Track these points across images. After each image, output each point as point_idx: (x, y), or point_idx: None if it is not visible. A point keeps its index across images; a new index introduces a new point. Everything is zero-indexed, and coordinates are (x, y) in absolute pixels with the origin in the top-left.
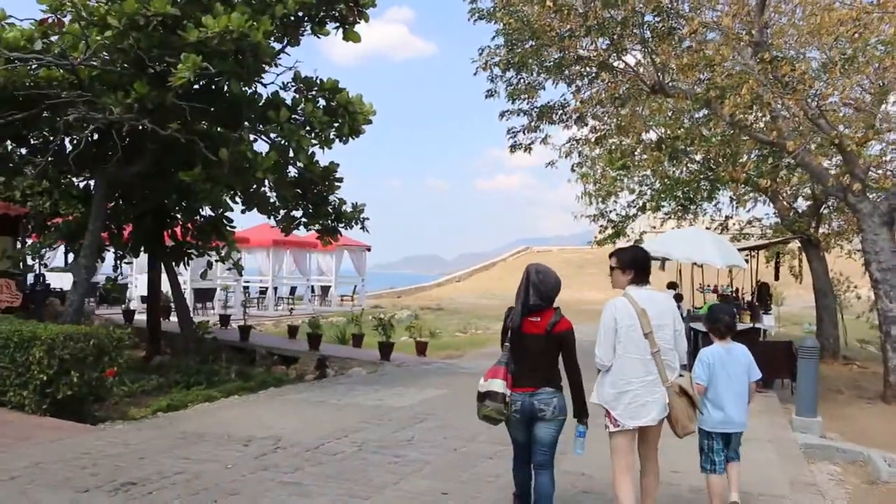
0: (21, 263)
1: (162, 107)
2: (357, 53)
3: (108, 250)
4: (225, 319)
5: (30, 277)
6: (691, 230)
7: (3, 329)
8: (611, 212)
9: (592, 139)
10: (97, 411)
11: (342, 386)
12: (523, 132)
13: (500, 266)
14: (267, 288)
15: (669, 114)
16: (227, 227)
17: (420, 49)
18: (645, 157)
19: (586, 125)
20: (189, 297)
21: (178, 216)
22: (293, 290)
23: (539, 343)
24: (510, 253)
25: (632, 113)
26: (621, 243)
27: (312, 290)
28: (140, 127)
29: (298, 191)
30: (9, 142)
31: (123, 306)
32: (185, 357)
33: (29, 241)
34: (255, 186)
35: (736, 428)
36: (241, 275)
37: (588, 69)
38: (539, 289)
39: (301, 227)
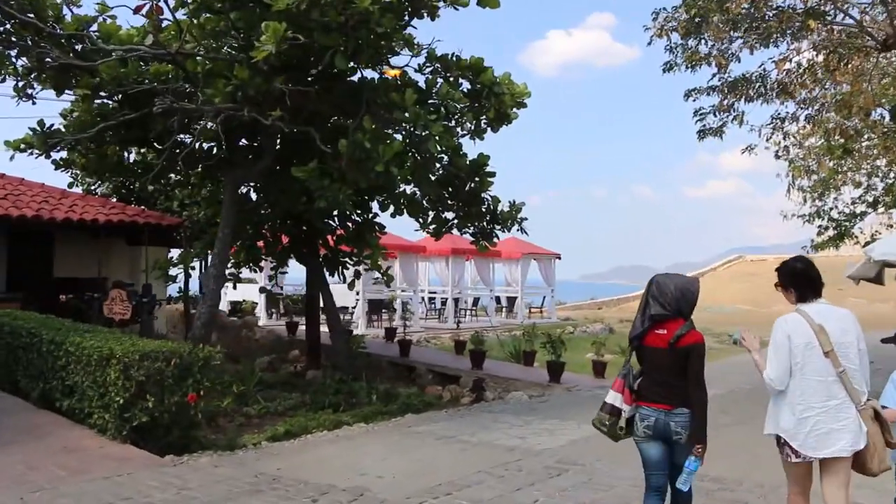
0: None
1: (269, 95)
2: (559, 63)
3: (265, 259)
4: (391, 332)
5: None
6: None
7: (87, 345)
8: (831, 209)
9: (801, 117)
10: (202, 437)
11: (489, 415)
12: (714, 113)
13: (709, 276)
14: (446, 299)
15: None
16: (376, 234)
17: (623, 55)
18: (874, 138)
19: (792, 98)
20: (361, 308)
21: (331, 222)
22: (476, 301)
23: (663, 357)
24: (721, 262)
25: (854, 79)
26: (848, 248)
27: (498, 302)
28: (251, 119)
29: (449, 189)
30: (136, 147)
31: (287, 319)
32: (336, 374)
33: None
34: (385, 184)
35: None
36: (388, 286)
37: (791, 24)
38: (658, 299)
39: (454, 230)
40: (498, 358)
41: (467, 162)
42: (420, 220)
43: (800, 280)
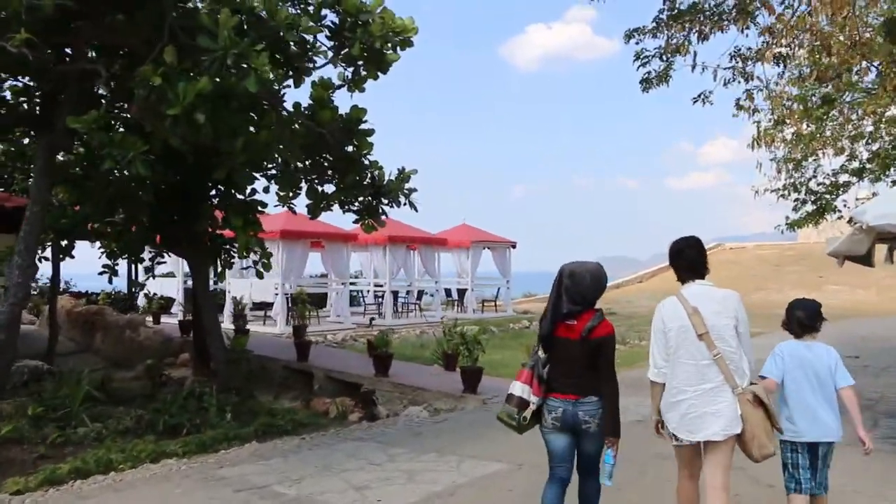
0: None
1: (15, 18)
2: (540, 57)
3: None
4: (298, 331)
5: None
6: None
7: None
8: (809, 180)
9: (770, 55)
10: None
11: (351, 445)
12: (660, 57)
13: None
14: (383, 292)
15: None
16: (255, 214)
17: (603, 49)
18: (857, 94)
19: (752, 21)
20: (281, 303)
21: (212, 200)
22: (420, 294)
23: (574, 349)
24: None
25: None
26: (828, 226)
27: (448, 295)
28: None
29: (325, 156)
30: None
31: (181, 317)
32: (207, 384)
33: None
34: (189, 137)
35: (825, 436)
36: (260, 277)
37: None
38: (571, 292)
39: (334, 208)
40: (427, 360)
41: (331, 114)
42: (278, 194)
43: (678, 261)
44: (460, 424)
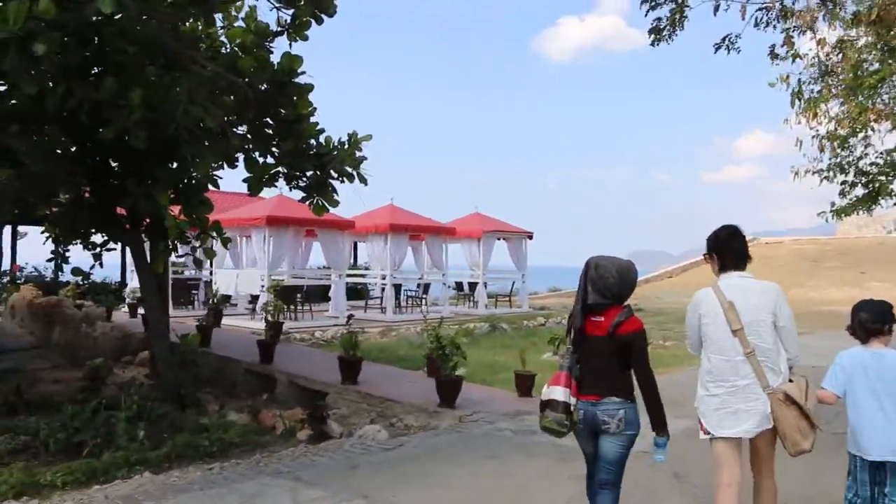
0: None
1: None
2: (573, 49)
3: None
4: (274, 328)
5: None
6: None
7: None
8: (859, 159)
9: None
10: None
11: (257, 483)
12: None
13: None
14: (385, 286)
15: None
16: (195, 194)
17: (636, 40)
18: None
19: None
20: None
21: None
22: (427, 287)
23: (602, 346)
24: None
25: None
26: (884, 213)
27: (460, 288)
28: None
29: (268, 121)
30: None
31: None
32: (156, 389)
33: None
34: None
35: (886, 455)
36: (199, 267)
37: None
38: (598, 285)
39: (279, 184)
40: (418, 363)
41: (262, 66)
42: (197, 163)
43: (720, 247)
44: (418, 451)
